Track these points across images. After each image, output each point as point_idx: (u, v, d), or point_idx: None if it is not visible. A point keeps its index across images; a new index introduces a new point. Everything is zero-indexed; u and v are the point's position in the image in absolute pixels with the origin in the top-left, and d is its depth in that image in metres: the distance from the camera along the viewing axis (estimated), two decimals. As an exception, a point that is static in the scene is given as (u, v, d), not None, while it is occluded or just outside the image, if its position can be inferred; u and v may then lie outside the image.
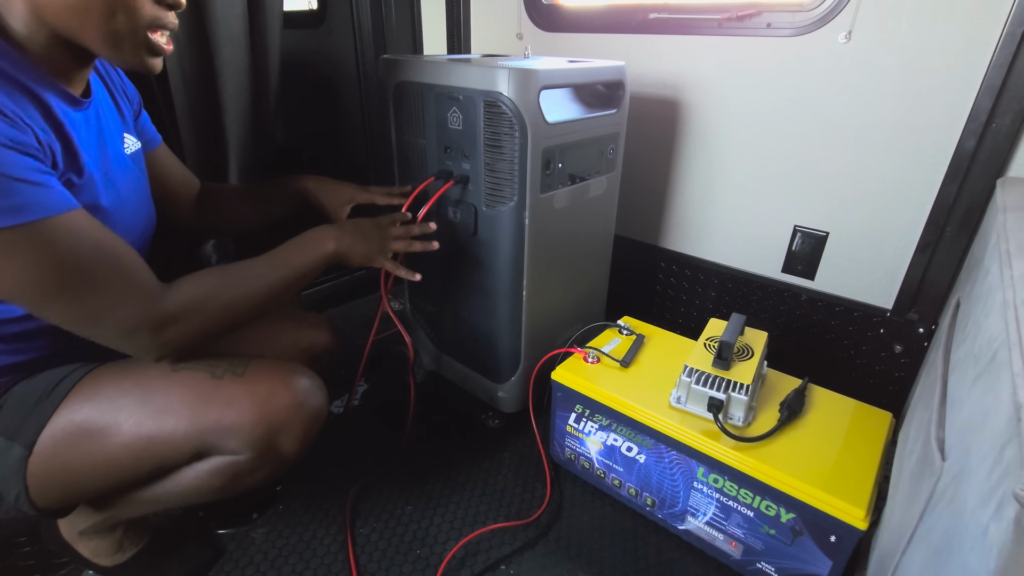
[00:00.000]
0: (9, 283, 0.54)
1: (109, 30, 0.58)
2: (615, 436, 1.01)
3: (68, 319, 0.59)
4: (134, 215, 0.74)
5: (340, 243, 0.80)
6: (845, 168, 1.18)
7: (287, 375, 0.72)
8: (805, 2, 1.13)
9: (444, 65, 0.98)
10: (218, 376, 0.69)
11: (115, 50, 0.59)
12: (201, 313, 0.66)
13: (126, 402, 0.66)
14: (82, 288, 0.57)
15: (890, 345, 1.22)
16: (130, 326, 0.61)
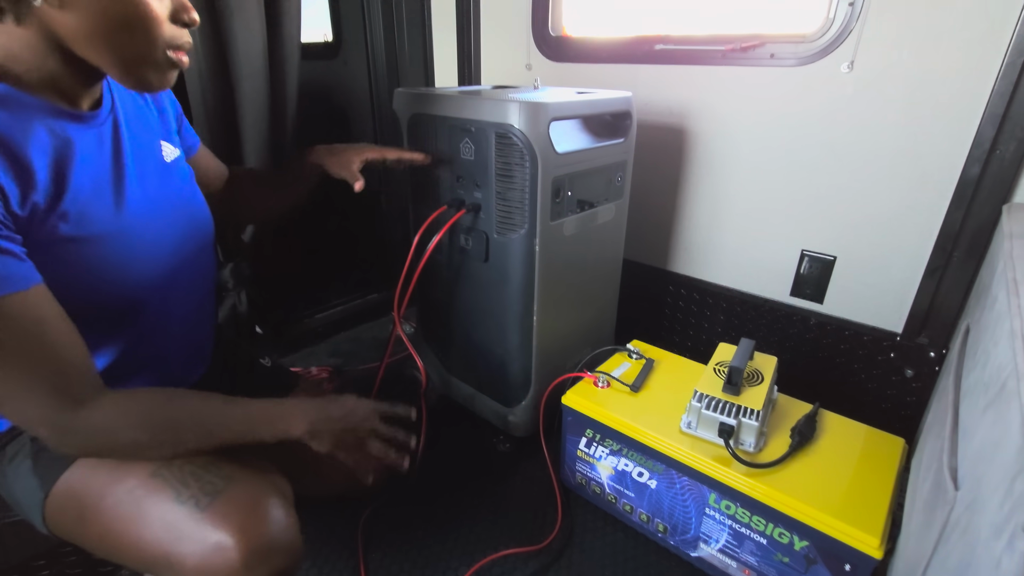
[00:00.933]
0: None
1: (126, 54, 0.58)
2: (626, 461, 1.01)
3: None
4: (167, 227, 0.72)
5: (312, 436, 0.70)
6: (851, 193, 1.19)
7: (251, 521, 0.61)
8: (807, 33, 1.16)
9: (457, 98, 1.02)
10: (181, 501, 0.61)
11: (132, 74, 0.59)
12: (114, 439, 0.61)
13: (108, 492, 0.64)
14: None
15: (901, 369, 1.22)
16: (28, 423, 0.58)
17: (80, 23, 0.54)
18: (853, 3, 1.07)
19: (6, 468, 0.69)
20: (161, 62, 0.60)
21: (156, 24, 0.58)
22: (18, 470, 0.68)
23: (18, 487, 0.68)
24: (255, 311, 1.54)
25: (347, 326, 1.94)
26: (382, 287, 2.07)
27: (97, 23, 0.55)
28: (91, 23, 0.55)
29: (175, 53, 0.61)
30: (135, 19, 0.56)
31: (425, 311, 1.34)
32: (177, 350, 0.79)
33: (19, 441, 0.69)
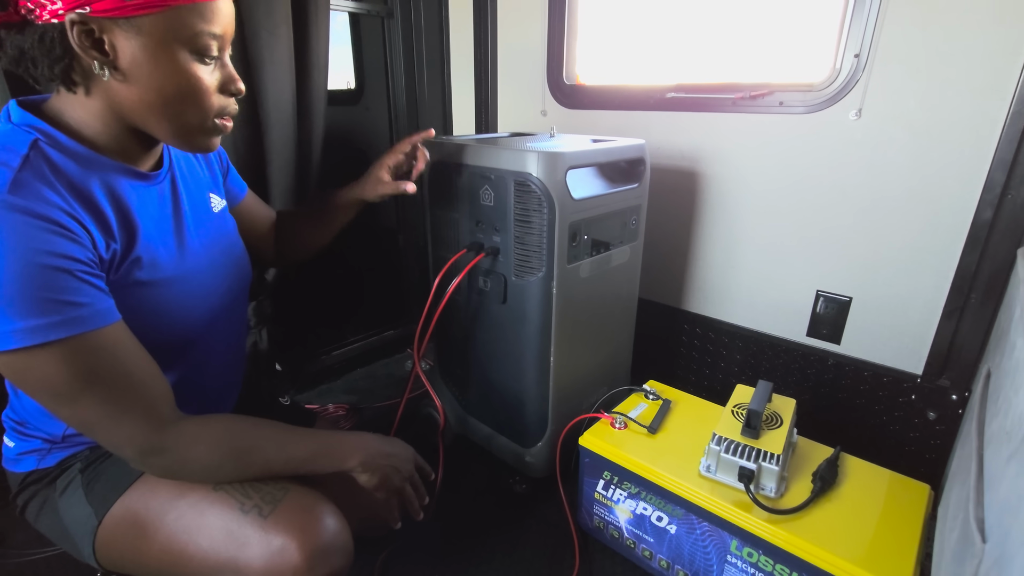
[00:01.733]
0: (34, 384, 0.57)
1: (180, 123, 0.64)
2: (645, 505, 1.00)
3: (70, 421, 0.62)
4: (217, 272, 0.78)
5: (364, 468, 0.75)
6: (864, 235, 1.21)
7: (309, 527, 0.66)
8: (815, 83, 1.20)
9: (478, 147, 1.06)
10: (245, 511, 0.66)
11: (184, 139, 0.65)
12: (193, 459, 0.66)
13: (169, 508, 0.68)
14: (87, 403, 0.59)
15: (923, 412, 1.20)
16: (118, 445, 0.63)
17: (140, 96, 0.61)
18: (859, 55, 1.11)
19: (58, 501, 0.72)
20: (210, 129, 0.66)
21: (206, 96, 0.64)
22: (70, 501, 0.71)
23: (69, 518, 0.71)
24: (275, 348, 1.57)
25: (363, 363, 1.96)
26: (398, 324, 2.10)
27: (155, 96, 0.61)
28: (149, 96, 0.61)
29: (221, 120, 0.67)
30: (188, 92, 0.62)
31: (442, 350, 1.36)
32: (215, 384, 0.84)
33: (69, 473, 0.72)
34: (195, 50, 0.61)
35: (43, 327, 0.54)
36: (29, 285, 0.53)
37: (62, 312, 0.55)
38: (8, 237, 0.52)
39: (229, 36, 0.65)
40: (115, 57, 0.58)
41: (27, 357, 0.55)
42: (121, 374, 0.60)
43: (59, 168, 0.59)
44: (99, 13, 0.55)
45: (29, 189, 0.54)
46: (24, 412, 0.74)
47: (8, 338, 0.53)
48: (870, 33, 1.09)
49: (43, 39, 0.57)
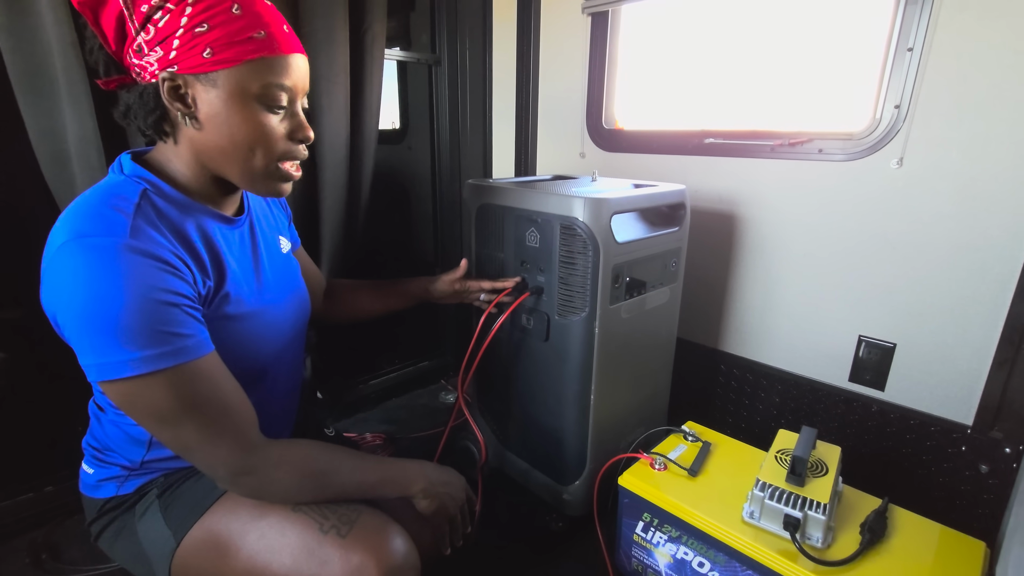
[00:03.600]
0: (143, 409, 0.63)
1: (249, 167, 0.69)
2: (686, 549, 0.99)
3: (170, 444, 0.67)
4: (287, 307, 0.85)
5: (425, 495, 0.81)
6: (908, 282, 1.20)
7: (384, 546, 0.71)
8: (855, 132, 1.22)
9: (525, 191, 1.11)
10: (324, 531, 0.71)
11: (254, 183, 0.71)
12: (279, 479, 0.71)
13: (251, 529, 0.72)
14: (189, 426, 0.64)
15: (975, 464, 1.17)
16: (213, 465, 0.67)
17: (214, 142, 0.68)
18: (899, 106, 1.13)
19: (137, 525, 0.76)
20: (279, 174, 0.72)
21: (273, 142, 0.69)
22: (149, 524, 0.75)
23: (148, 541, 0.75)
24: (316, 377, 1.63)
25: (399, 392, 2.00)
26: (433, 356, 2.14)
27: (227, 142, 0.67)
28: (222, 142, 0.67)
29: (289, 166, 0.73)
30: (255, 139, 0.68)
31: (482, 384, 1.39)
32: (278, 413, 0.90)
33: (147, 499, 0.77)
34: (263, 101, 0.67)
35: (155, 357, 0.60)
36: (145, 319, 0.59)
37: (171, 343, 0.61)
38: (128, 276, 0.59)
39: (301, 88, 0.71)
40: (195, 108, 0.66)
41: (140, 384, 0.60)
42: (217, 400, 0.66)
43: (163, 214, 0.67)
44: (184, 71, 0.64)
45: (143, 233, 0.61)
46: (106, 439, 0.79)
47: (126, 367, 0.59)
48: (911, 85, 1.11)
49: (142, 95, 0.66)
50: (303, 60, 0.70)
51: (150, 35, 0.63)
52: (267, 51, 0.65)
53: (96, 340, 0.59)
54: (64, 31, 0.98)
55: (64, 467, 1.25)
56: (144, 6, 0.62)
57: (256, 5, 0.65)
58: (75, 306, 0.58)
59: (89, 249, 0.58)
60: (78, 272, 0.58)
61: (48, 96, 1.01)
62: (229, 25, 0.63)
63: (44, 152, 1.03)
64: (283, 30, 0.68)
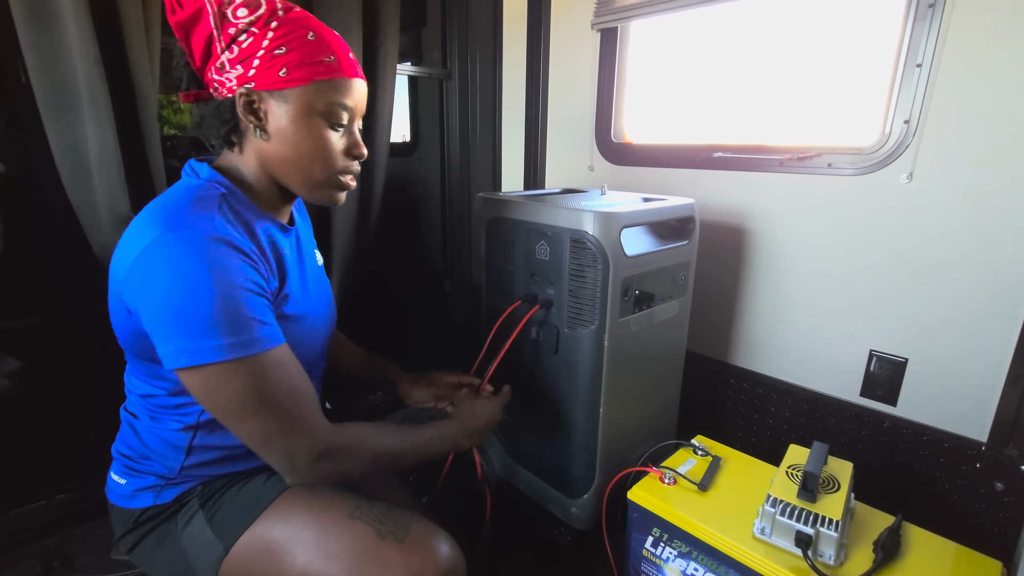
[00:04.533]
0: (225, 397, 0.65)
1: (310, 177, 0.76)
2: (696, 565, 0.98)
3: (246, 436, 0.68)
4: (323, 317, 0.89)
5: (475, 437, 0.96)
6: (919, 296, 1.19)
7: (439, 550, 0.75)
8: (864, 147, 1.22)
9: (535, 205, 1.12)
10: (382, 536, 0.75)
11: (313, 191, 0.77)
12: (353, 457, 0.74)
13: (306, 536, 0.74)
14: (268, 414, 0.67)
15: (990, 482, 1.15)
16: (293, 453, 0.69)
17: (280, 152, 0.74)
18: (908, 121, 1.14)
19: (181, 534, 0.77)
20: (335, 184, 0.78)
21: (333, 156, 0.76)
22: (193, 533, 0.77)
23: (193, 550, 0.76)
24: (325, 387, 1.63)
25: (406, 404, 2.00)
26: (441, 367, 2.14)
27: (291, 152, 0.74)
28: (287, 152, 0.74)
29: (345, 178, 0.79)
30: (318, 152, 0.74)
31: (490, 396, 1.39)
32: None
33: (189, 508, 0.78)
34: (327, 118, 0.73)
35: (239, 344, 0.64)
36: (232, 307, 0.63)
37: (254, 331, 0.65)
38: (217, 266, 0.63)
39: (360, 110, 0.78)
40: (266, 121, 0.73)
41: (224, 371, 0.64)
42: (292, 387, 0.69)
43: (239, 215, 0.73)
44: (260, 87, 0.71)
45: (227, 229, 0.67)
46: (142, 447, 0.79)
47: (213, 352, 0.62)
48: (919, 100, 1.12)
49: (218, 108, 0.74)
50: (363, 84, 0.78)
51: (233, 54, 0.70)
52: (334, 73, 0.72)
53: (185, 326, 0.62)
54: (88, 48, 1.01)
55: (76, 475, 1.26)
56: (232, 28, 0.69)
57: (327, 34, 0.73)
58: (165, 294, 0.62)
59: (181, 241, 0.63)
60: (171, 262, 0.62)
61: (71, 111, 1.03)
62: (304, 48, 0.70)
63: (66, 165, 1.05)
64: (348, 57, 0.75)
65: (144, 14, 1.09)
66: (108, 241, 1.12)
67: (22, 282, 1.23)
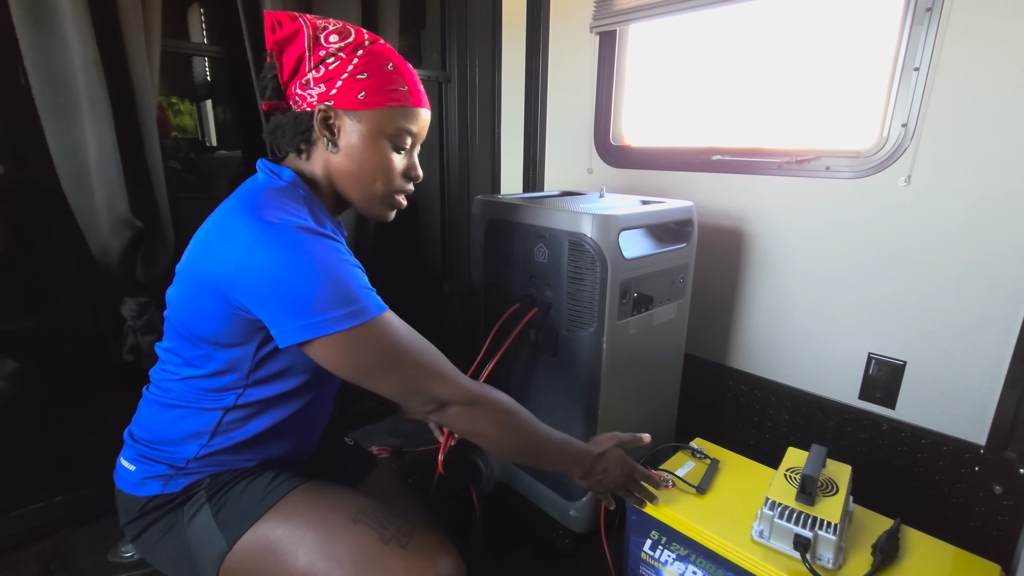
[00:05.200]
0: (365, 356, 0.71)
1: (369, 192, 0.82)
2: (694, 568, 0.98)
3: (390, 390, 0.74)
4: None
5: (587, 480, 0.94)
6: (918, 299, 1.20)
7: (440, 559, 0.77)
8: (862, 150, 1.22)
9: (533, 207, 1.13)
10: (385, 540, 0.76)
11: (369, 205, 0.84)
12: (494, 414, 0.81)
13: (310, 537, 0.75)
14: (406, 364, 0.74)
15: (988, 485, 1.15)
16: (440, 395, 0.76)
17: (346, 166, 0.81)
18: (906, 124, 1.14)
19: (186, 527, 0.78)
20: (390, 202, 0.85)
21: (393, 176, 0.82)
22: (199, 526, 0.77)
23: (197, 543, 0.77)
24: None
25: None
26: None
27: (356, 168, 0.80)
28: (352, 167, 0.80)
29: (399, 196, 0.85)
30: (380, 170, 0.81)
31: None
32: (314, 424, 0.94)
33: (196, 500, 0.79)
34: (393, 140, 0.80)
35: (355, 312, 0.69)
36: (347, 278, 0.70)
37: (369, 297, 0.72)
38: (324, 248, 0.70)
39: (421, 136, 0.85)
40: (338, 136, 0.79)
41: (350, 336, 0.69)
42: (419, 342, 0.76)
43: (317, 215, 0.78)
44: (339, 106, 0.77)
45: (317, 221, 0.74)
46: (159, 431, 0.81)
47: (334, 323, 0.68)
48: (917, 104, 1.12)
49: (296, 120, 0.80)
50: (428, 114, 0.85)
51: (320, 74, 0.77)
52: (406, 102, 0.80)
53: (308, 303, 0.67)
54: (88, 49, 1.01)
55: (74, 477, 1.26)
56: (322, 51, 0.77)
57: (403, 66, 0.81)
58: (280, 285, 0.67)
59: (280, 235, 0.68)
60: (277, 256, 0.67)
61: (70, 112, 1.03)
62: (383, 77, 0.78)
63: (64, 166, 1.06)
64: (419, 88, 0.82)
65: (143, 16, 1.09)
66: (107, 242, 1.12)
67: (21, 284, 1.22)
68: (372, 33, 0.81)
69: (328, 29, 0.77)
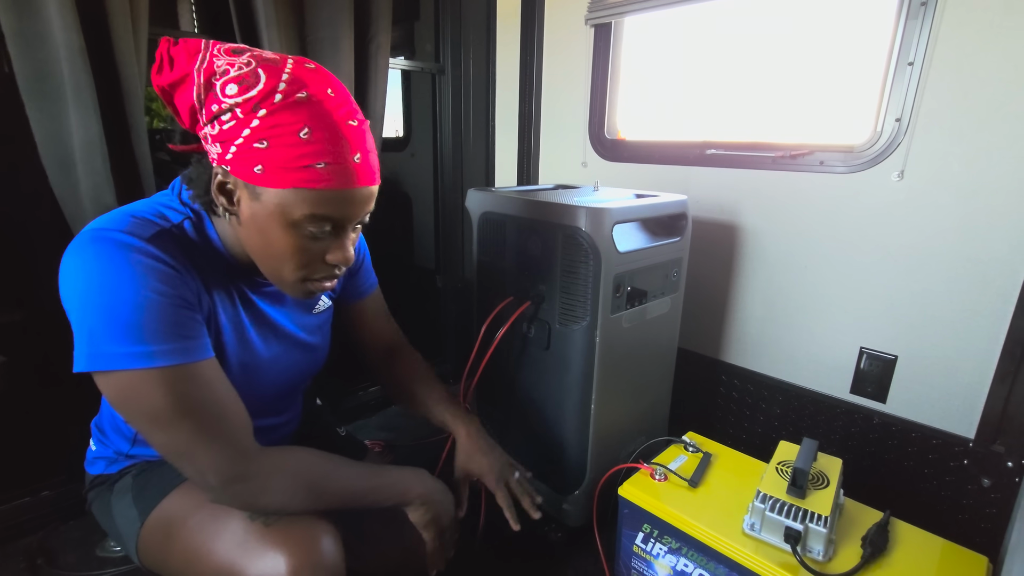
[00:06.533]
0: (137, 406, 0.62)
1: (277, 277, 0.69)
2: (686, 561, 0.98)
3: (162, 448, 0.66)
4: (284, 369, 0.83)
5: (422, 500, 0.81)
6: (909, 294, 1.20)
7: (306, 540, 0.69)
8: (856, 145, 1.22)
9: (527, 201, 1.12)
10: (252, 518, 0.70)
11: (281, 287, 0.71)
12: (271, 486, 0.69)
13: (193, 513, 0.73)
14: (184, 428, 0.63)
15: (977, 478, 1.16)
16: (207, 472, 0.66)
17: (249, 241, 0.68)
18: (900, 119, 1.14)
19: (112, 503, 0.81)
20: (308, 289, 0.71)
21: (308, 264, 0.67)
22: (121, 504, 0.79)
23: (121, 519, 0.79)
24: (315, 383, 1.62)
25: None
26: (433, 363, 2.14)
27: (259, 248, 0.67)
28: (255, 246, 0.68)
29: (316, 283, 0.70)
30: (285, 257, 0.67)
31: (481, 392, 1.39)
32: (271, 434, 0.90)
33: (125, 480, 0.81)
34: (301, 228, 0.64)
35: (157, 352, 0.60)
36: (153, 315, 0.60)
37: (174, 342, 0.62)
38: (142, 272, 0.60)
39: (353, 217, 0.66)
40: (238, 208, 0.66)
41: (138, 379, 0.60)
42: (213, 404, 0.66)
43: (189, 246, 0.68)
44: (235, 174, 0.63)
45: (165, 244, 0.63)
46: (105, 423, 0.84)
47: (126, 359, 0.59)
48: (911, 99, 1.12)
49: (203, 173, 0.68)
50: (365, 192, 0.65)
51: (215, 131, 0.63)
52: (321, 183, 0.61)
53: (100, 329, 0.59)
54: (72, 37, 0.99)
55: (61, 472, 1.25)
56: (215, 105, 0.62)
57: (332, 132, 0.60)
58: (84, 293, 0.59)
59: (107, 241, 0.60)
60: (93, 261, 0.59)
61: (55, 101, 1.01)
62: (290, 150, 0.60)
63: (49, 156, 1.04)
64: (353, 161, 0.62)
65: (130, 3, 1.07)
66: (93, 234, 1.11)
67: (5, 276, 1.20)
68: (307, 72, 0.62)
69: (228, 76, 0.61)
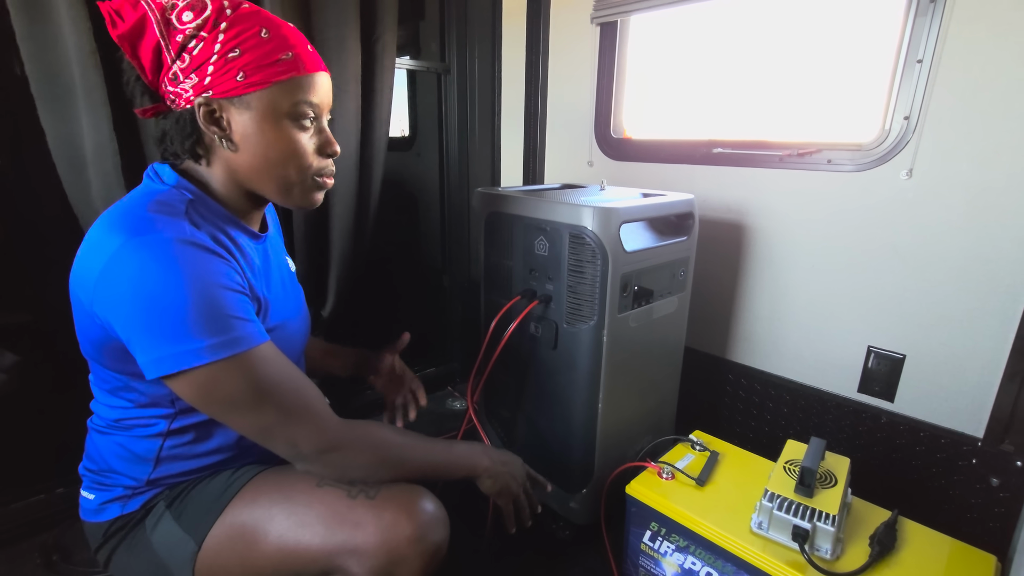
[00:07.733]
0: (220, 397, 0.64)
1: (284, 182, 0.73)
2: (693, 559, 0.99)
3: (249, 430, 0.68)
4: (298, 325, 0.87)
5: (489, 473, 0.88)
6: (918, 293, 1.20)
7: (413, 503, 0.73)
8: (864, 143, 1.22)
9: (534, 200, 1.12)
10: (352, 496, 0.73)
11: (288, 196, 0.74)
12: (361, 454, 0.73)
13: (277, 511, 0.73)
14: (269, 407, 0.66)
15: (985, 478, 1.16)
16: (300, 444, 0.69)
17: (249, 161, 0.71)
18: (908, 117, 1.13)
19: (151, 538, 0.76)
20: (310, 186, 0.75)
21: (305, 158, 0.72)
22: (163, 534, 0.76)
23: (165, 550, 0.75)
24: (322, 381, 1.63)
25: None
26: (440, 362, 2.14)
27: (261, 160, 0.71)
28: (256, 161, 0.71)
29: (321, 178, 0.76)
30: (289, 155, 0.71)
31: (489, 391, 1.39)
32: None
33: (156, 512, 0.77)
34: (294, 118, 0.70)
35: (225, 343, 0.62)
36: (211, 306, 0.62)
37: (237, 329, 0.64)
38: (190, 266, 0.61)
39: (326, 104, 0.74)
40: (230, 130, 0.69)
41: (217, 371, 0.62)
42: (289, 380, 0.68)
43: (209, 220, 0.70)
44: (219, 95, 0.67)
45: (195, 233, 0.64)
46: (105, 460, 0.78)
47: (201, 355, 0.61)
48: (920, 96, 1.11)
49: (179, 121, 0.70)
50: (326, 77, 0.74)
51: (185, 63, 0.65)
52: (295, 71, 0.68)
53: (164, 332, 0.60)
54: (83, 39, 1.00)
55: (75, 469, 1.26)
56: (179, 36, 0.65)
57: (282, 28, 0.68)
58: (139, 302, 0.60)
59: (149, 245, 0.61)
60: (142, 268, 0.60)
61: (66, 102, 1.02)
62: (259, 49, 0.66)
63: (61, 157, 1.05)
64: (307, 50, 0.71)
65: (140, 6, 1.08)
66: (105, 235, 1.12)
67: (18, 276, 1.22)
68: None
69: (179, 6, 0.65)
